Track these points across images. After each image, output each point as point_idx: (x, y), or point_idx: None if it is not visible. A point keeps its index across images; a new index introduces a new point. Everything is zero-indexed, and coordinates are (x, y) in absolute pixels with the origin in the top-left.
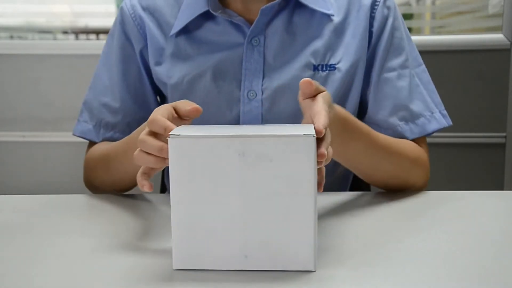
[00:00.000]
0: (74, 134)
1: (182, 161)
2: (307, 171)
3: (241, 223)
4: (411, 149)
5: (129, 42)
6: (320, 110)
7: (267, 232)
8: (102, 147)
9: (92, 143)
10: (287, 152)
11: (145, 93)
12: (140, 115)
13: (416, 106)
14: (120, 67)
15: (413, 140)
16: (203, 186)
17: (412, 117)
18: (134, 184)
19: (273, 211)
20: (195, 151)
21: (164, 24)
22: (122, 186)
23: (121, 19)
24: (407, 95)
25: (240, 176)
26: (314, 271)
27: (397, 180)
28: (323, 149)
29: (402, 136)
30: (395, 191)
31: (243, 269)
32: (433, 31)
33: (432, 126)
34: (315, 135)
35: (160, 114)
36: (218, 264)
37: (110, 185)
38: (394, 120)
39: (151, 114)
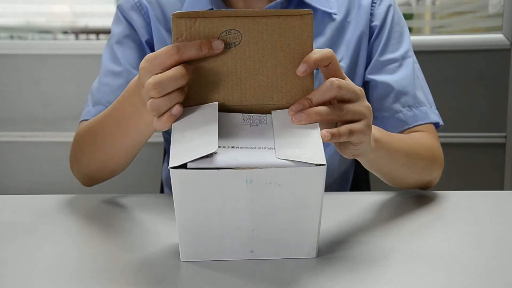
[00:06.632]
0: (81, 121)
1: (187, 191)
2: (315, 195)
3: (248, 229)
4: (427, 147)
5: (134, 31)
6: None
7: (272, 234)
8: (90, 120)
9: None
10: (296, 179)
11: None
12: None
13: (419, 94)
14: (120, 44)
15: (419, 128)
16: (209, 209)
17: (416, 103)
18: (124, 161)
19: (279, 222)
20: (200, 181)
21: (167, 18)
22: (112, 162)
23: (126, 7)
24: (411, 81)
25: (248, 199)
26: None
27: (420, 182)
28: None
29: (405, 123)
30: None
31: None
32: (433, 31)
33: (433, 117)
34: (325, 163)
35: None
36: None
37: (99, 161)
38: (397, 106)
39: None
